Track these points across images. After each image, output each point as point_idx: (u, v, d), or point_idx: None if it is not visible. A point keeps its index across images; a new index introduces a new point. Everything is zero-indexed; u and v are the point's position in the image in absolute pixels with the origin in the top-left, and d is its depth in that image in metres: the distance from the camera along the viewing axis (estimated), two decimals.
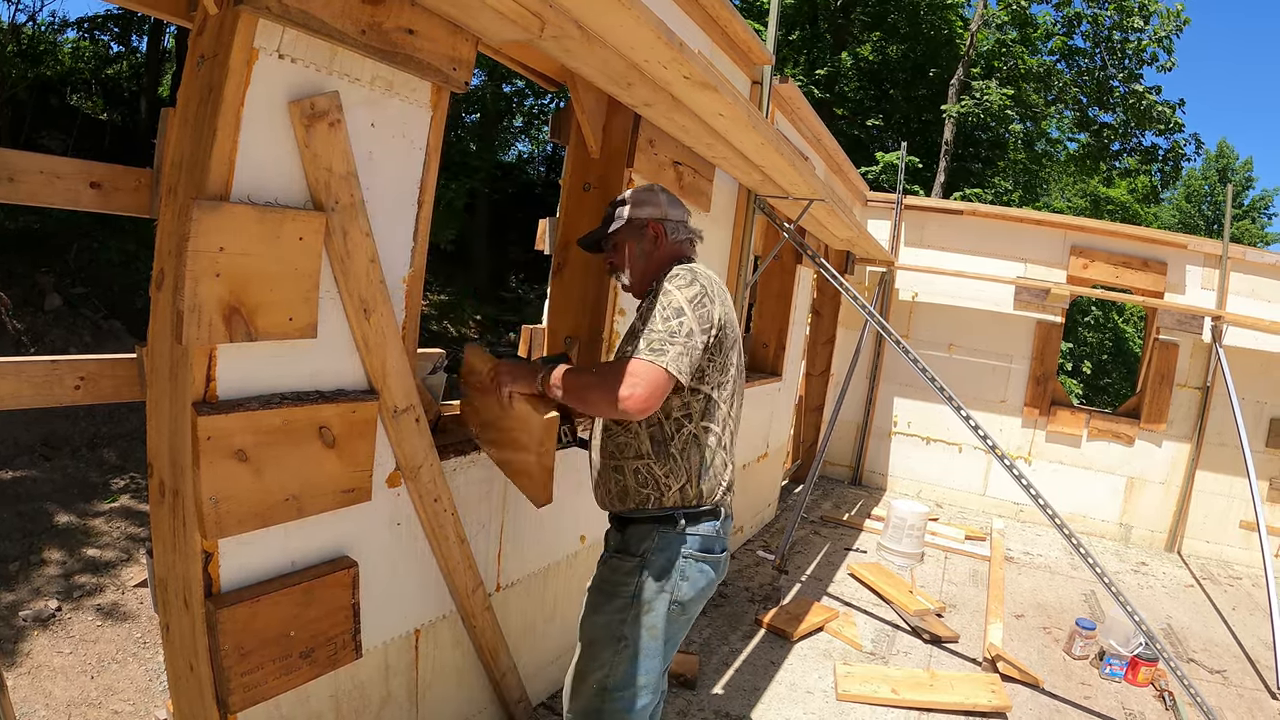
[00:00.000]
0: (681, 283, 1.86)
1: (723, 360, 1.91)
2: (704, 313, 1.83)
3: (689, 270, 1.91)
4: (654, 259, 2.05)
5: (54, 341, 7.47)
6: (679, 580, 1.89)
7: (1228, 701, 3.81)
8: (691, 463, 1.89)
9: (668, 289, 1.85)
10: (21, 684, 3.51)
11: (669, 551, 1.89)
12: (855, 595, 4.63)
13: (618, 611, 1.90)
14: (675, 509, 1.90)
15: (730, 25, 3.47)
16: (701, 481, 1.91)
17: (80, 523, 5.32)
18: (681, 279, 1.87)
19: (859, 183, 7.23)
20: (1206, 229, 29.24)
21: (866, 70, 15.54)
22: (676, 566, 1.89)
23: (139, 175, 1.85)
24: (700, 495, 1.91)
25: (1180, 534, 6.65)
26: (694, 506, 1.91)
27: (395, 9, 1.76)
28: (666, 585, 1.88)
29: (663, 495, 1.90)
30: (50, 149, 9.83)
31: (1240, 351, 6.19)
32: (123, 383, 1.83)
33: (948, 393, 3.89)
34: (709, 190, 3.69)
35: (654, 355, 1.74)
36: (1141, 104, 14.39)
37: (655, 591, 1.88)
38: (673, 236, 2.06)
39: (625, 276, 2.11)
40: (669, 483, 1.89)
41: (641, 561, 1.89)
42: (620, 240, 2.08)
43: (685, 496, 1.90)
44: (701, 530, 1.92)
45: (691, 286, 1.85)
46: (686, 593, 1.90)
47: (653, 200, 2.07)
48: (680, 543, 1.89)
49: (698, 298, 1.83)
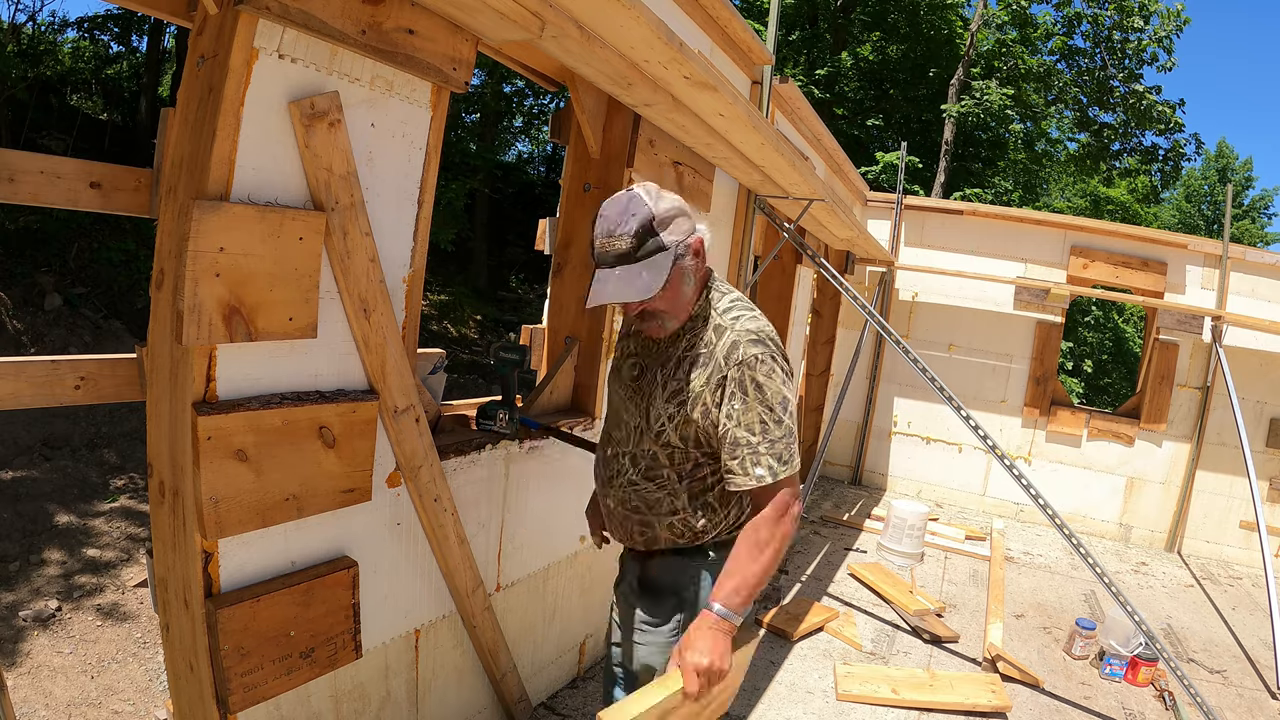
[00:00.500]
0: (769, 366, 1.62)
1: None
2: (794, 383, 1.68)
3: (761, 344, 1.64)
4: (696, 288, 1.73)
5: (54, 341, 7.47)
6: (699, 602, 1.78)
7: (1228, 701, 3.81)
8: (730, 509, 1.80)
9: (759, 382, 1.61)
10: (22, 684, 3.51)
11: (703, 582, 1.80)
12: (855, 595, 4.63)
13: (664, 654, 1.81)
14: (709, 542, 1.81)
15: (730, 25, 3.47)
16: (736, 521, 1.81)
17: (80, 523, 5.32)
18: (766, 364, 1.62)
19: (859, 183, 7.23)
20: (1206, 229, 29.23)
21: (866, 70, 15.54)
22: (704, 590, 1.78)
23: (139, 175, 1.85)
24: (731, 527, 1.81)
25: (1180, 534, 6.65)
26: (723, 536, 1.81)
27: (395, 9, 1.76)
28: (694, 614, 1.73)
29: (697, 538, 1.80)
30: (50, 149, 9.83)
31: (1240, 351, 6.19)
32: (123, 383, 1.83)
33: (948, 393, 3.89)
34: (709, 190, 3.69)
35: (788, 467, 1.61)
36: (1141, 104, 14.38)
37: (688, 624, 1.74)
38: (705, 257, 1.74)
39: (665, 319, 1.70)
40: (705, 528, 1.79)
41: (679, 601, 1.82)
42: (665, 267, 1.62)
43: (717, 534, 1.81)
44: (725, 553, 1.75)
45: (778, 363, 1.65)
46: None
47: (678, 209, 1.68)
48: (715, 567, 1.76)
49: (785, 370, 1.67)
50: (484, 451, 2.43)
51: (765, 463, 1.60)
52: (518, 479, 2.63)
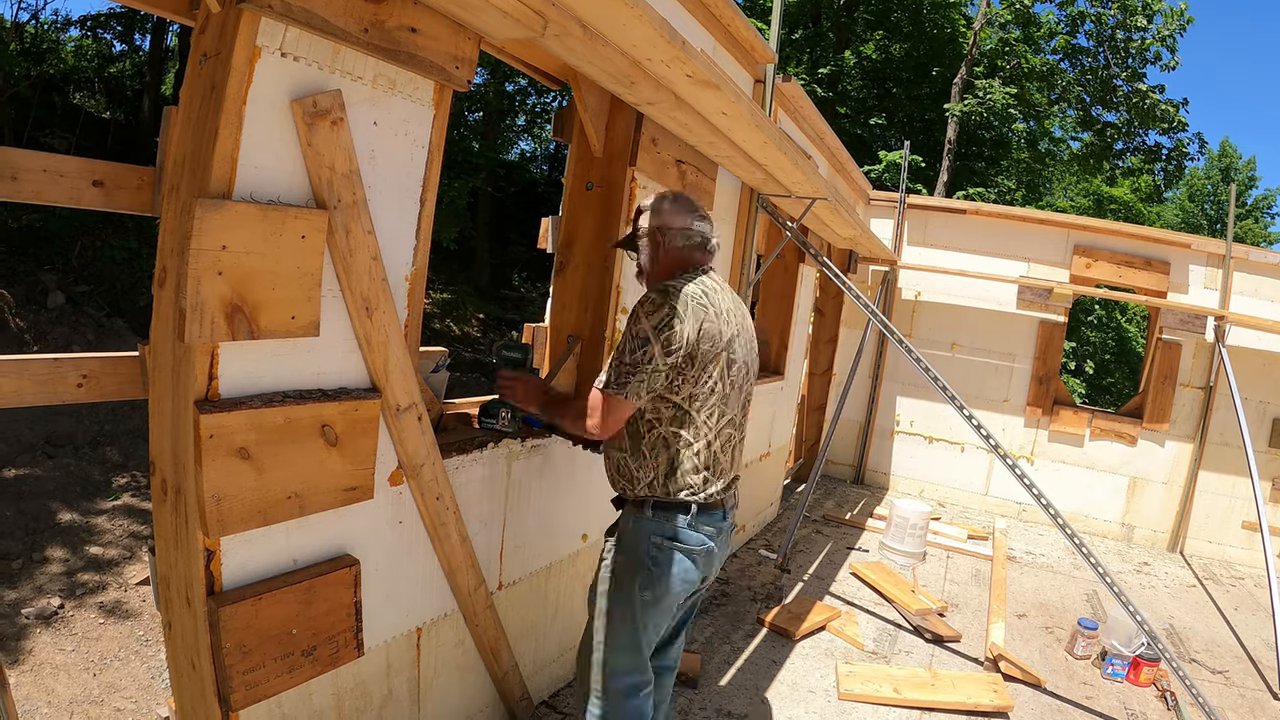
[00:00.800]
0: (651, 308, 1.98)
1: (697, 374, 2.00)
2: (669, 335, 1.95)
3: (662, 293, 2.00)
4: (660, 265, 2.19)
5: (57, 339, 7.48)
6: (647, 562, 2.04)
7: (1230, 702, 3.80)
8: (659, 461, 2.04)
9: (637, 315, 1.99)
10: (24, 681, 3.52)
11: (638, 535, 2.06)
12: (857, 594, 4.63)
13: (600, 584, 2.14)
14: (646, 499, 2.07)
15: (733, 24, 3.47)
16: (669, 480, 2.04)
17: (83, 520, 5.33)
18: (652, 303, 1.99)
19: (862, 181, 7.23)
20: (1209, 228, 29.17)
21: (869, 69, 15.52)
22: (644, 549, 2.05)
23: (142, 173, 1.86)
24: (668, 491, 2.04)
25: (1183, 534, 6.64)
26: (662, 499, 2.05)
27: (398, 7, 1.76)
28: (635, 567, 2.05)
29: (634, 486, 2.08)
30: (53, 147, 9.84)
31: (1243, 351, 6.18)
32: (125, 381, 1.84)
33: (950, 392, 3.88)
34: (712, 189, 3.68)
35: (615, 387, 1.97)
36: (1145, 103, 14.36)
37: (626, 570, 2.07)
38: (671, 244, 2.16)
39: (641, 276, 2.28)
40: (639, 476, 2.07)
41: (617, 543, 2.13)
42: (639, 244, 2.25)
43: (654, 490, 2.06)
44: (671, 520, 2.05)
45: (659, 311, 1.97)
46: (656, 576, 2.03)
47: (656, 208, 2.21)
48: (650, 528, 2.05)
49: (664, 322, 1.96)
50: (486, 450, 2.43)
51: (605, 375, 2.00)
52: (520, 477, 2.63)
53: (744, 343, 2.15)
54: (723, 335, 2.04)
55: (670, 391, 2.00)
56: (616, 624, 2.09)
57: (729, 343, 2.06)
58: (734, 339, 2.08)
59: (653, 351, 1.95)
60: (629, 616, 2.07)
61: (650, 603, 2.06)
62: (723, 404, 2.07)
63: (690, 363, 1.98)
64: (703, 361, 2.00)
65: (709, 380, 2.02)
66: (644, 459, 2.05)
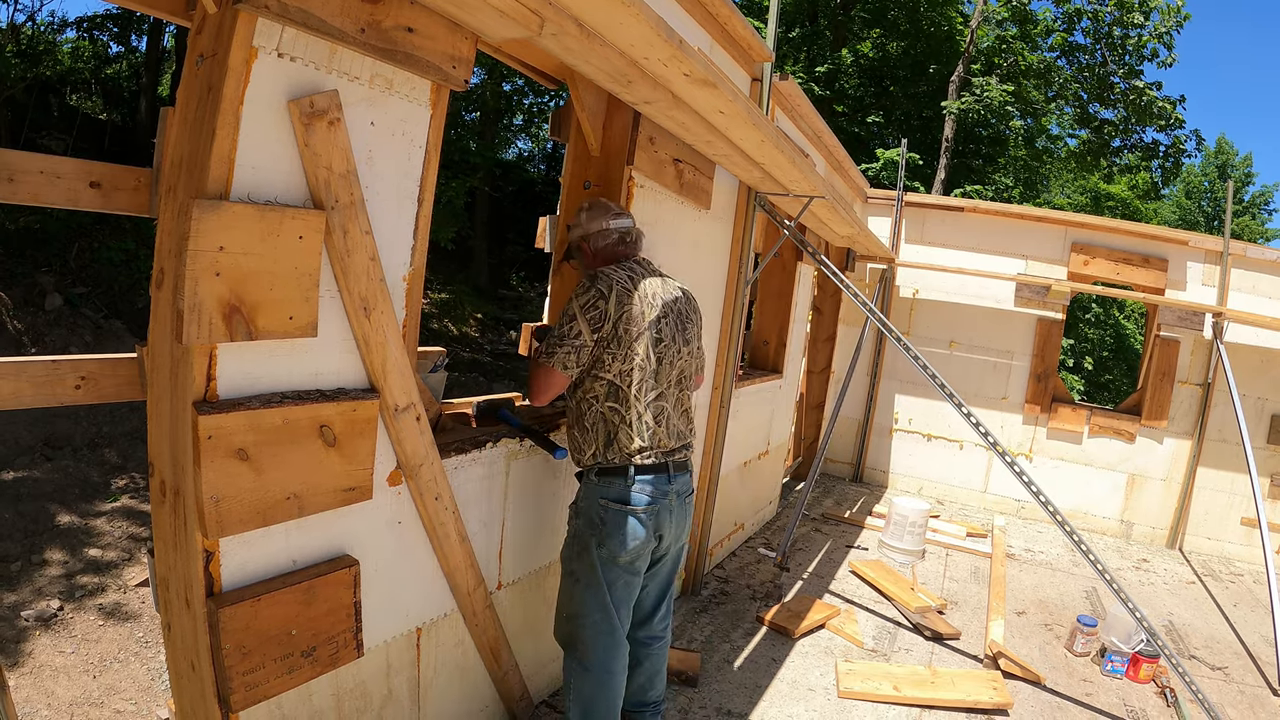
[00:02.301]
0: (580, 290, 2.29)
1: (625, 352, 2.28)
2: (594, 314, 2.25)
3: (590, 278, 2.31)
4: (591, 267, 2.46)
5: (55, 341, 7.47)
6: (597, 523, 2.33)
7: (1229, 698, 3.81)
8: (599, 434, 2.34)
9: (570, 298, 2.30)
10: (24, 684, 3.51)
11: (589, 500, 2.36)
12: (857, 592, 4.64)
13: (567, 548, 2.44)
14: (591, 467, 2.37)
15: (730, 22, 3.47)
16: (608, 449, 2.33)
17: (82, 522, 5.33)
18: (581, 287, 2.30)
19: (859, 180, 7.23)
20: (1207, 225, 29.20)
21: (867, 67, 15.51)
22: (595, 512, 2.33)
23: (139, 175, 1.85)
24: (608, 459, 2.33)
25: (1181, 530, 6.65)
26: (602, 464, 2.34)
27: (394, 7, 1.76)
28: (591, 529, 2.34)
29: (582, 456, 2.39)
30: (50, 149, 9.83)
31: (1241, 348, 6.19)
32: (123, 382, 1.83)
33: (949, 389, 3.88)
34: (709, 187, 3.69)
35: (547, 358, 2.26)
36: (1142, 100, 14.36)
37: (585, 533, 2.36)
38: (595, 246, 2.48)
39: None
40: (584, 447, 2.38)
41: (575, 509, 2.43)
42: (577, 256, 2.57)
43: (596, 459, 2.36)
44: (612, 484, 2.33)
45: (587, 293, 2.27)
46: (608, 534, 2.31)
47: (576, 221, 2.52)
48: (597, 492, 2.34)
49: (590, 301, 2.26)
50: (485, 449, 2.43)
51: (542, 348, 2.30)
52: (519, 476, 2.63)
53: (671, 322, 2.40)
54: (645, 316, 2.31)
55: (602, 370, 2.28)
56: (582, 582, 2.36)
57: (654, 323, 2.32)
58: (661, 319, 2.34)
59: (579, 327, 2.25)
60: (593, 574, 2.33)
61: (607, 560, 2.32)
62: (652, 379, 2.34)
63: (616, 341, 2.27)
64: (628, 340, 2.28)
65: (636, 357, 2.29)
66: (586, 432, 2.36)
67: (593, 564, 2.32)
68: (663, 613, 2.63)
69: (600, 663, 2.35)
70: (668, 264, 3.42)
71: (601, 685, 2.36)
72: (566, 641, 2.42)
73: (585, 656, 2.36)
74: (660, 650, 2.65)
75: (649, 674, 2.63)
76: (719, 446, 4.19)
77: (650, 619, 2.60)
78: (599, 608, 2.33)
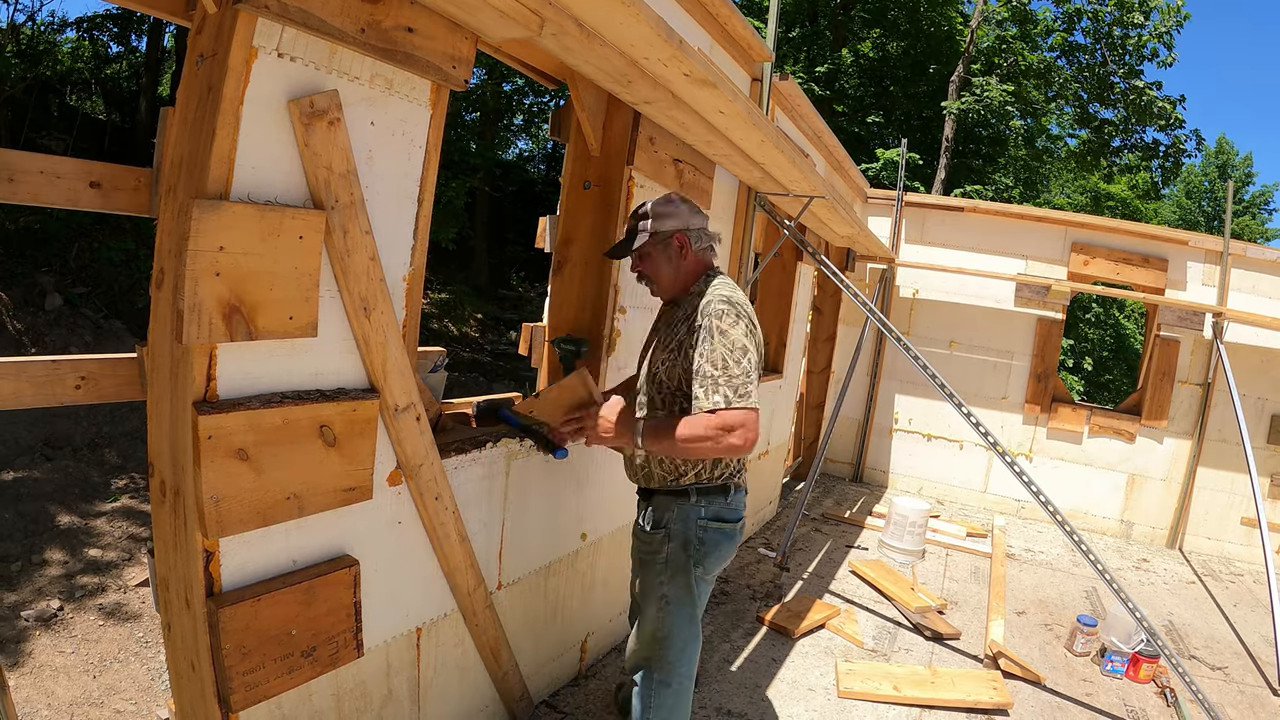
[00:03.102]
0: (731, 319, 2.06)
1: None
2: (757, 339, 2.11)
3: (729, 304, 2.10)
4: (682, 270, 2.28)
5: (55, 341, 7.47)
6: (697, 544, 2.22)
7: (1229, 698, 3.81)
8: None
9: (724, 329, 2.05)
10: (24, 684, 3.51)
11: (687, 521, 2.22)
12: (857, 592, 4.64)
13: (656, 575, 2.27)
14: (690, 486, 2.23)
15: (730, 22, 3.47)
16: (714, 468, 2.23)
17: (82, 523, 5.33)
18: (729, 316, 2.07)
19: (859, 180, 7.23)
20: (1207, 225, 29.20)
21: (867, 67, 15.52)
22: (694, 533, 2.22)
23: (139, 175, 1.85)
24: (711, 477, 2.23)
25: (1181, 530, 6.65)
26: (704, 484, 2.23)
27: (394, 7, 1.75)
28: (689, 549, 2.22)
29: (680, 478, 2.23)
30: (50, 149, 9.83)
31: (1241, 348, 6.19)
32: (123, 382, 1.83)
33: (949, 389, 3.88)
34: (709, 188, 3.68)
35: (744, 400, 1.99)
36: (1142, 100, 14.37)
37: (680, 554, 2.23)
38: (696, 246, 2.26)
39: (655, 284, 2.33)
40: (685, 470, 2.22)
41: (666, 533, 2.24)
42: (647, 252, 2.28)
43: (699, 477, 2.23)
44: (713, 502, 2.24)
45: (740, 320, 2.08)
46: (706, 553, 2.23)
47: (674, 212, 2.24)
48: (695, 513, 2.22)
49: (749, 330, 2.10)
50: (485, 450, 2.43)
51: (723, 393, 1.99)
52: (519, 477, 2.62)
53: None
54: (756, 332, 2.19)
55: None
56: (674, 604, 2.26)
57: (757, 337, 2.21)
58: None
59: (754, 357, 2.06)
60: (687, 594, 2.26)
61: (702, 577, 2.26)
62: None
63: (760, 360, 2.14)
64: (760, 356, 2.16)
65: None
66: None
67: (689, 584, 2.24)
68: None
69: (685, 674, 2.33)
70: None
71: (685, 695, 2.34)
72: (648, 663, 2.33)
73: (670, 672, 2.30)
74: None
75: None
76: None
77: None
78: (689, 622, 2.29)
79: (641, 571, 2.34)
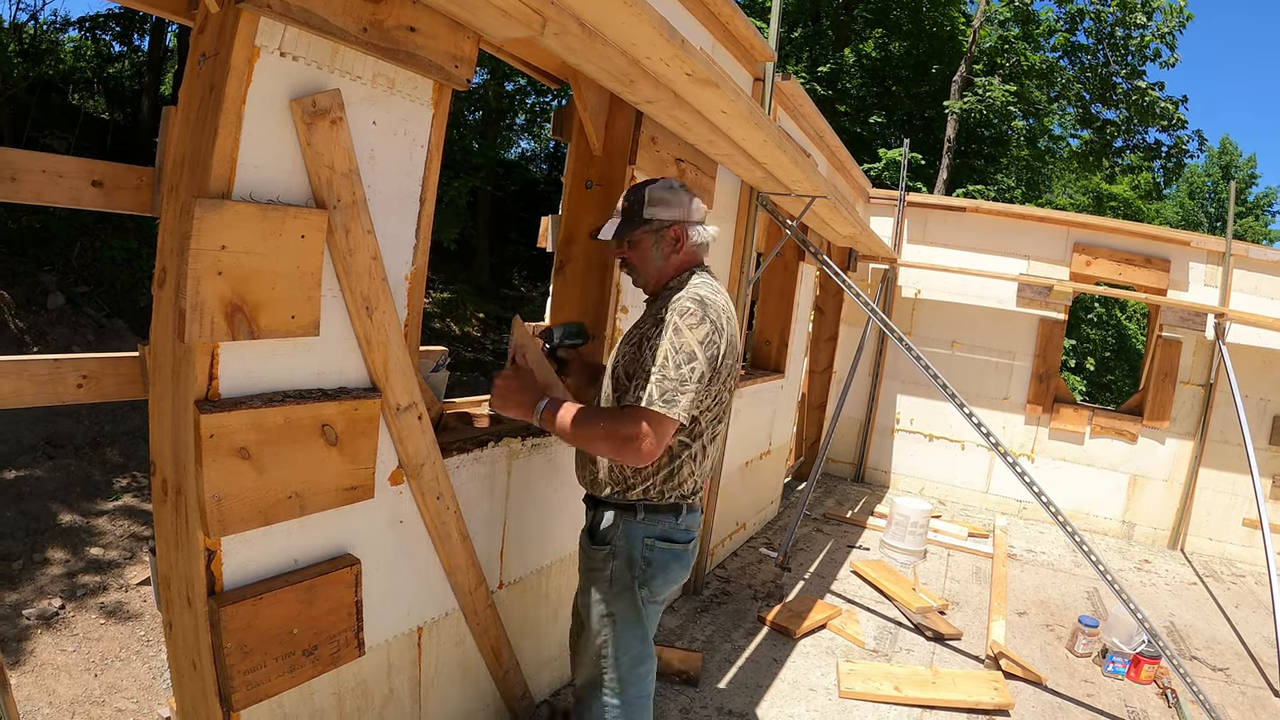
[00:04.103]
0: (693, 320, 1.89)
1: (718, 387, 1.98)
2: (713, 353, 1.90)
3: (698, 304, 1.92)
4: (671, 262, 2.09)
5: (57, 340, 7.48)
6: (643, 565, 2.06)
7: (1230, 699, 3.80)
8: (660, 469, 2.02)
9: (680, 327, 1.88)
10: (25, 682, 3.52)
11: (632, 539, 2.06)
12: (858, 592, 4.63)
13: (601, 592, 2.11)
14: (638, 502, 2.06)
15: (732, 22, 3.46)
16: (665, 484, 2.04)
17: (83, 521, 5.34)
18: (693, 316, 1.89)
19: (861, 179, 7.22)
20: (1209, 226, 29.15)
21: (869, 67, 15.50)
22: (640, 552, 2.06)
23: (141, 174, 1.85)
24: (661, 494, 2.05)
25: (1183, 531, 6.64)
26: (653, 502, 2.06)
27: (397, 6, 1.75)
28: (634, 569, 2.06)
29: (628, 490, 2.05)
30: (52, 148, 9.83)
31: (1243, 349, 6.18)
32: (125, 381, 1.83)
33: (951, 390, 3.88)
34: (711, 187, 3.68)
35: (667, 407, 1.82)
36: (1144, 100, 14.35)
37: (626, 574, 2.07)
38: (689, 239, 2.08)
39: (639, 275, 2.14)
40: (634, 482, 2.04)
41: (611, 550, 2.09)
42: (638, 238, 2.08)
43: (648, 494, 2.05)
44: (661, 521, 2.07)
45: (702, 325, 1.89)
46: (652, 574, 2.07)
47: (677, 201, 2.05)
48: (642, 531, 2.06)
49: (708, 337, 1.89)
50: (487, 449, 2.44)
51: (649, 390, 1.84)
52: (520, 476, 2.63)
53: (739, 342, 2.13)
54: (736, 342, 2.03)
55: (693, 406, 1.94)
56: (620, 622, 2.10)
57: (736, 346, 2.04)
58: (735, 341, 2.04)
59: (701, 369, 1.87)
60: (633, 614, 2.09)
61: (649, 599, 2.11)
62: (723, 410, 2.06)
63: (716, 376, 1.94)
64: (724, 374, 1.98)
65: (723, 390, 2.01)
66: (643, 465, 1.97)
67: (634, 604, 2.08)
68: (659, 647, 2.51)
69: (641, 691, 2.17)
70: None
71: (643, 711, 2.19)
72: (597, 681, 2.15)
73: (623, 690, 2.13)
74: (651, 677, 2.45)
75: None
76: (720, 446, 4.19)
77: None
78: (639, 640, 2.13)
79: (585, 586, 2.18)
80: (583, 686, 2.21)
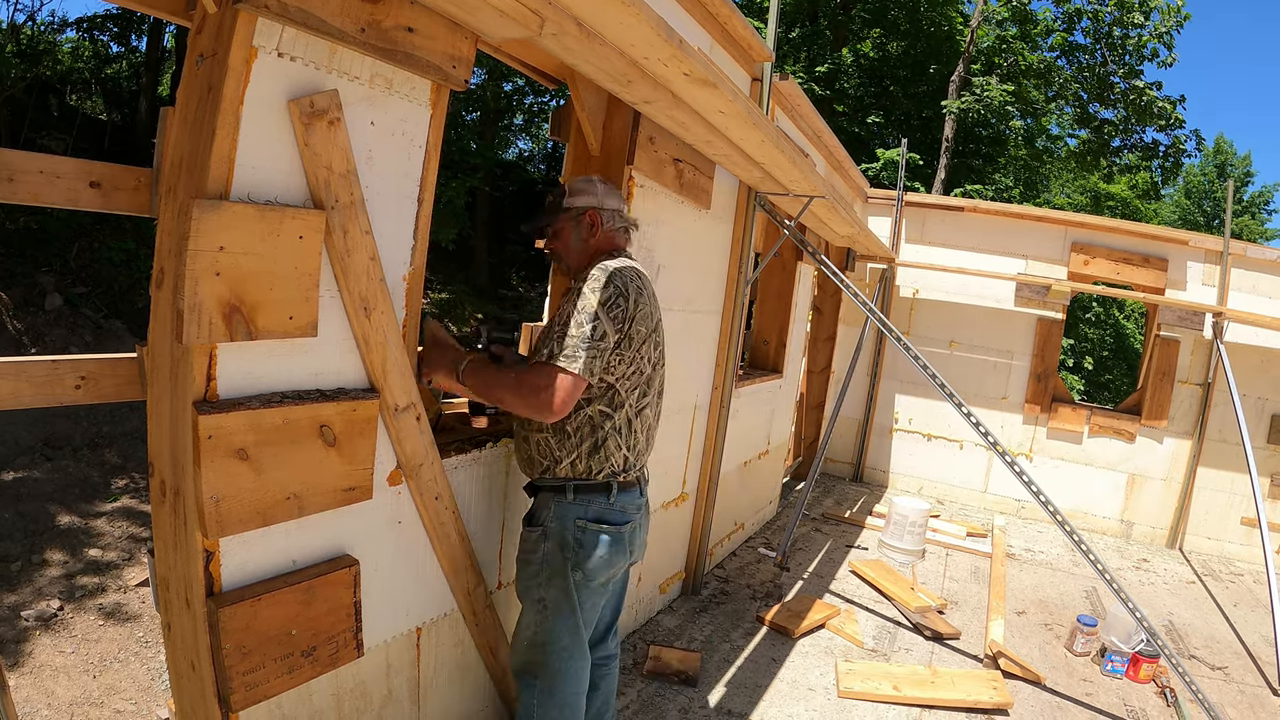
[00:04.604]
0: (596, 285, 1.99)
1: (632, 354, 2.06)
2: (617, 313, 1.99)
3: (603, 271, 2.03)
4: (589, 245, 2.21)
5: (55, 341, 7.48)
6: (575, 546, 2.09)
7: (1229, 698, 3.81)
8: (584, 441, 2.08)
9: (584, 292, 1.99)
10: (24, 684, 3.51)
11: (564, 520, 2.10)
12: (857, 592, 4.64)
13: (533, 576, 2.14)
14: (567, 480, 2.10)
15: (730, 22, 3.46)
16: (591, 458, 2.08)
17: (82, 523, 5.33)
18: (596, 280, 2.00)
19: (859, 179, 7.23)
20: (1206, 225, 29.17)
21: (867, 67, 15.52)
22: (571, 534, 2.09)
23: (139, 174, 1.85)
24: (590, 471, 2.09)
25: (1181, 530, 6.65)
26: (584, 479, 2.10)
27: (394, 7, 1.75)
28: (566, 551, 2.09)
29: (556, 466, 2.10)
30: (50, 149, 9.83)
31: (1241, 348, 6.19)
32: (123, 382, 1.83)
33: (949, 389, 3.88)
34: (709, 187, 3.69)
35: (567, 361, 1.93)
36: (1142, 100, 14.37)
37: (558, 556, 2.10)
38: (608, 225, 2.21)
39: (563, 261, 2.27)
40: (560, 456, 2.09)
41: (543, 531, 2.12)
42: (560, 227, 2.23)
43: (575, 470, 2.09)
44: (593, 501, 2.11)
45: (606, 288, 1.99)
46: (585, 556, 2.09)
47: (590, 189, 2.21)
48: (573, 512, 2.09)
49: (611, 299, 1.99)
50: (485, 449, 2.43)
51: (551, 348, 1.95)
52: (519, 476, 2.62)
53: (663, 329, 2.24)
54: (652, 317, 2.13)
55: (605, 371, 2.03)
56: (551, 609, 2.13)
57: (657, 325, 2.16)
58: (659, 323, 2.17)
59: (604, 328, 1.97)
60: (566, 600, 2.11)
61: (582, 583, 2.12)
62: (646, 385, 2.15)
63: (628, 342, 2.04)
64: (638, 342, 2.07)
65: (640, 360, 2.09)
66: (567, 438, 2.07)
67: (567, 589, 2.10)
68: (615, 629, 2.46)
69: (570, 688, 2.17)
70: (667, 263, 3.42)
71: (571, 709, 2.18)
72: (528, 669, 2.19)
73: (554, 683, 2.15)
74: (615, 669, 2.48)
75: (605, 695, 2.46)
76: (719, 446, 4.19)
77: (605, 637, 2.43)
78: (570, 631, 2.13)
79: (520, 572, 2.21)
80: (515, 674, 2.25)
